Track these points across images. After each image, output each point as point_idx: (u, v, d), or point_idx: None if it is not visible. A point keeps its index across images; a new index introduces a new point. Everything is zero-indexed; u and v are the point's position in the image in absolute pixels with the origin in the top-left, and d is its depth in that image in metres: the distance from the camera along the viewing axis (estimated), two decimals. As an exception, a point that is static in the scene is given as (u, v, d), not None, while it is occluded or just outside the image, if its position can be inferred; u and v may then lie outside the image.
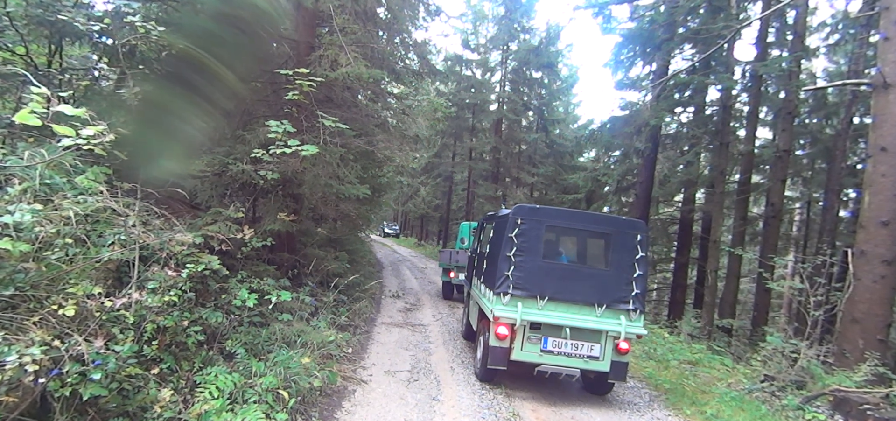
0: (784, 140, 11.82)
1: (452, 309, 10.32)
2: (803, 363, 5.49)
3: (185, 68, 3.16)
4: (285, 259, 6.76)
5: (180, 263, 3.84)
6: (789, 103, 11.91)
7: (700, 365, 7.25)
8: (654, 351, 7.88)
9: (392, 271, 16.08)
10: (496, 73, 25.79)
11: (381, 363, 5.87)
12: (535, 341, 5.00)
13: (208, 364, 3.87)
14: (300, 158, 5.45)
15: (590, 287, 5.06)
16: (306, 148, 4.54)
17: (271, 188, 6.21)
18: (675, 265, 16.77)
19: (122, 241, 3.43)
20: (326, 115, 5.00)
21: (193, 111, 3.09)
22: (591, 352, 4.98)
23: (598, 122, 21.37)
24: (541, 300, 4.98)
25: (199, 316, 4.12)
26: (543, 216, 5.23)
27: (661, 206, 18.31)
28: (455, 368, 6.04)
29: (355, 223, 10.73)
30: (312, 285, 7.02)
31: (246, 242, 5.11)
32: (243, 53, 3.40)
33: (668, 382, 6.28)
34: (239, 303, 4.35)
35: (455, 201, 30.41)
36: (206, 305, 4.33)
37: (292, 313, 5.53)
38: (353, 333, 6.82)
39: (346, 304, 7.93)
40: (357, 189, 6.17)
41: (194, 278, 4.23)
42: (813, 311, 6.24)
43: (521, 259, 5.03)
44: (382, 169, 11.05)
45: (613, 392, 5.69)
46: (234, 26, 3.22)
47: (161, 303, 3.42)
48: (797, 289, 6.65)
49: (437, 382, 5.41)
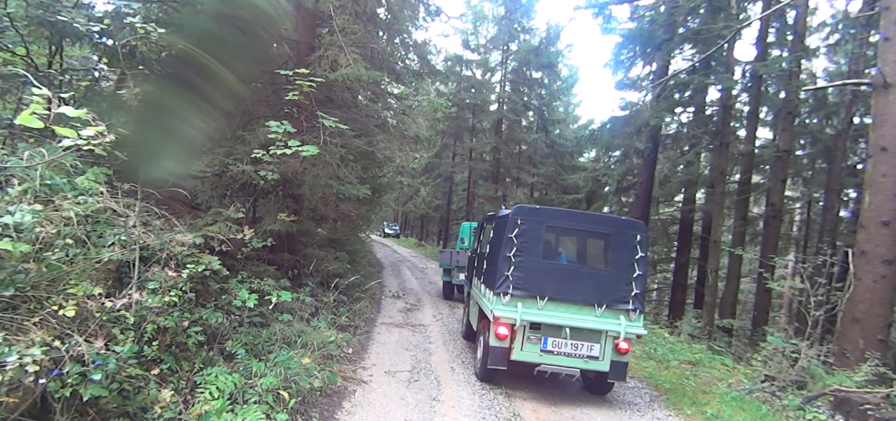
0: (784, 140, 11.81)
1: (453, 309, 10.31)
2: (804, 363, 5.49)
3: (185, 69, 3.16)
4: (286, 259, 6.76)
5: (180, 263, 3.84)
6: (789, 103, 11.91)
7: (700, 365, 7.25)
8: (655, 351, 7.88)
9: (392, 272, 16.08)
10: (496, 73, 25.80)
11: (381, 363, 5.87)
12: (535, 341, 5.02)
13: (209, 364, 3.87)
14: (300, 159, 5.45)
15: (589, 287, 5.08)
16: (307, 148, 4.54)
17: (271, 189, 6.21)
18: (676, 265, 16.75)
19: (123, 241, 3.43)
20: (326, 116, 5.00)
21: (193, 112, 3.10)
22: (591, 352, 5.00)
23: (598, 122, 21.41)
24: (541, 300, 5.01)
25: (200, 316, 4.12)
26: (543, 216, 5.25)
27: (661, 206, 18.32)
28: (455, 368, 6.04)
29: (355, 223, 10.73)
30: (313, 286, 7.02)
31: (246, 242, 5.11)
32: (243, 54, 3.40)
33: (668, 382, 6.28)
34: (239, 303, 4.36)
35: (455, 202, 30.41)
36: (207, 305, 4.33)
37: (292, 314, 5.53)
38: (353, 334, 6.82)
39: (346, 304, 7.93)
40: (357, 189, 6.18)
41: (195, 279, 4.23)
42: (813, 311, 6.23)
43: (520, 259, 5.04)
44: (382, 169, 11.05)
45: (614, 392, 5.69)
46: (234, 26, 3.22)
47: (161, 303, 3.42)
48: (797, 289, 6.65)
49: (437, 383, 5.40)
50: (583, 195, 18.36)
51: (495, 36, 24.89)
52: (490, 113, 25.35)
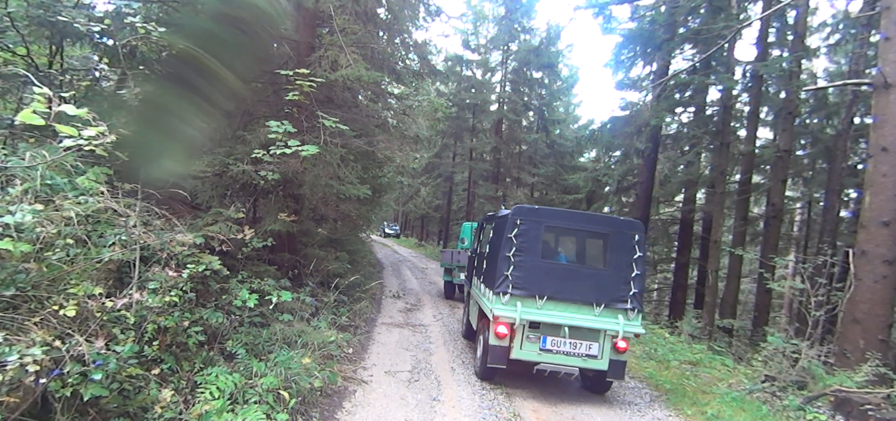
0: (784, 140, 11.80)
1: (453, 309, 10.31)
2: (804, 364, 5.49)
3: (185, 69, 3.17)
4: (286, 259, 6.77)
5: (181, 263, 3.84)
6: (790, 103, 11.90)
7: (701, 365, 7.24)
8: (655, 351, 7.87)
9: (392, 272, 16.08)
10: (497, 73, 25.80)
11: (381, 363, 5.87)
12: (535, 340, 5.06)
13: (209, 364, 3.87)
14: (301, 159, 5.45)
15: (588, 287, 5.11)
16: (307, 148, 4.54)
17: (272, 189, 6.21)
18: (676, 265, 16.74)
19: (123, 241, 3.43)
20: (327, 116, 5.01)
21: (194, 112, 3.10)
22: (590, 351, 5.03)
23: (598, 122, 21.37)
24: (540, 300, 5.04)
25: (200, 316, 4.12)
26: (542, 217, 5.29)
27: (661, 206, 18.30)
28: (455, 368, 6.04)
29: (356, 223, 10.74)
30: (313, 286, 7.02)
31: (246, 242, 5.11)
32: (243, 54, 3.41)
33: (668, 382, 6.28)
34: (240, 303, 4.36)
35: (455, 202, 30.41)
36: (207, 305, 4.33)
37: (293, 314, 5.53)
38: (353, 334, 6.82)
39: (346, 304, 7.93)
40: (357, 189, 6.18)
41: (195, 279, 4.23)
42: (814, 311, 6.23)
43: (520, 259, 5.08)
44: (383, 169, 11.05)
45: (614, 392, 5.69)
46: (235, 27, 3.23)
47: (162, 303, 3.42)
48: (798, 289, 6.64)
49: (437, 383, 5.40)
50: (583, 195, 18.36)
51: (495, 36, 24.89)
52: (490, 113, 25.35)
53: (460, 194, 29.59)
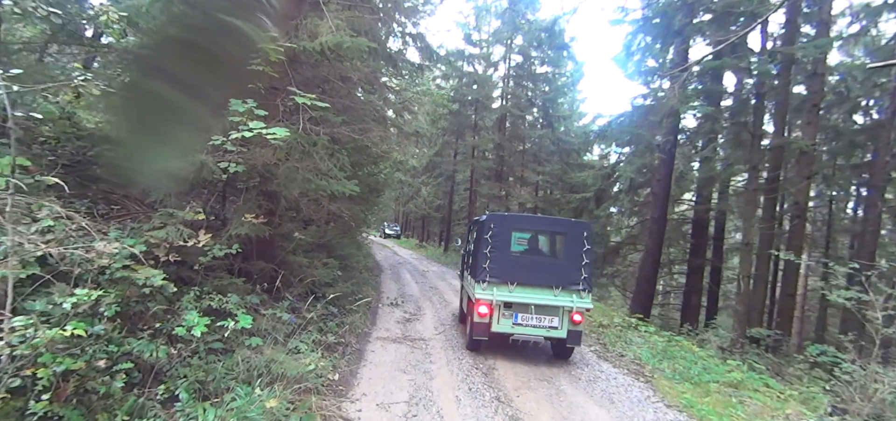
0: (808, 134, 10.85)
1: (456, 320, 9.34)
2: (886, 396, 4.51)
3: (173, 55, 2.31)
4: (262, 269, 5.80)
5: (98, 279, 2.89)
6: (815, 95, 10.96)
7: (742, 388, 6.28)
8: (688, 369, 6.91)
9: (391, 275, 15.12)
10: (499, 68, 24.82)
11: (373, 393, 4.92)
12: (509, 316, 6.34)
13: (137, 416, 2.92)
14: (273, 149, 4.49)
15: (548, 274, 6.42)
16: (274, 130, 3.58)
17: (243, 184, 5.26)
18: (689, 268, 15.78)
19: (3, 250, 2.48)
20: (301, 92, 4.04)
21: (180, 108, 2.23)
22: (552, 323, 6.30)
23: (605, 118, 20.33)
24: (511, 285, 6.30)
25: (131, 349, 3.16)
26: (510, 221, 7.00)
27: (675, 204, 17.35)
28: (461, 397, 5.09)
29: (348, 225, 9.73)
30: (293, 300, 6.05)
31: (205, 250, 4.16)
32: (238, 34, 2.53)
33: (713, 412, 5.31)
34: (183, 331, 3.38)
35: (457, 201, 29.38)
36: (141, 333, 3.36)
37: (265, 336, 4.57)
38: (341, 355, 5.87)
39: (336, 318, 6.97)
40: (343, 185, 5.21)
41: (129, 300, 3.29)
42: (883, 327, 5.25)
43: (495, 254, 6.34)
44: (379, 165, 10.09)
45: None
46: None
47: (58, 337, 2.47)
48: (858, 300, 5.67)
49: (440, 418, 4.46)
50: (591, 194, 17.33)
51: (498, 29, 23.89)
52: (493, 109, 24.38)
53: (462, 194, 28.55)
